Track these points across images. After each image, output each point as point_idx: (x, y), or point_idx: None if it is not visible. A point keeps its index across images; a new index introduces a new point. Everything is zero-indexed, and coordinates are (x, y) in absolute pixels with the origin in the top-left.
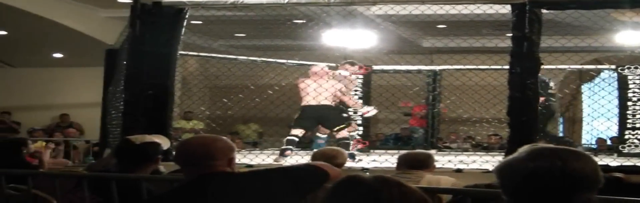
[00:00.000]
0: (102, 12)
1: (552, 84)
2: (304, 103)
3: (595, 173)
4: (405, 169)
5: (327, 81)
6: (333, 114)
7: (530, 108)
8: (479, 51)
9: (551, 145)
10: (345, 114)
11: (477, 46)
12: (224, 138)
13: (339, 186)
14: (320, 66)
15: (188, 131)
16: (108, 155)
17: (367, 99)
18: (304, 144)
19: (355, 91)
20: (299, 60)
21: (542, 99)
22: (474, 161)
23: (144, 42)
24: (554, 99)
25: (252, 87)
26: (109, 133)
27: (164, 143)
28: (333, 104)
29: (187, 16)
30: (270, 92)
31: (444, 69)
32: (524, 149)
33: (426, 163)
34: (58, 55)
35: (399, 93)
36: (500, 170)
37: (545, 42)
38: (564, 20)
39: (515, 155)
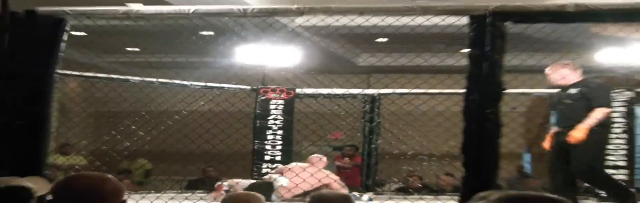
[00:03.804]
0: None
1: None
2: None
3: None
4: None
5: None
6: None
7: (490, 144)
8: (429, 71)
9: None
10: None
11: (425, 65)
12: (112, 177)
13: None
14: None
15: (65, 169)
16: None
17: (288, 130)
18: None
19: (274, 119)
20: (206, 82)
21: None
22: None
23: (14, 61)
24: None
25: (146, 115)
26: None
27: (41, 187)
28: None
29: (67, 28)
30: (170, 123)
31: (384, 94)
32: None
33: None
34: None
35: (328, 123)
36: None
37: (510, 62)
38: (532, 35)
39: None
